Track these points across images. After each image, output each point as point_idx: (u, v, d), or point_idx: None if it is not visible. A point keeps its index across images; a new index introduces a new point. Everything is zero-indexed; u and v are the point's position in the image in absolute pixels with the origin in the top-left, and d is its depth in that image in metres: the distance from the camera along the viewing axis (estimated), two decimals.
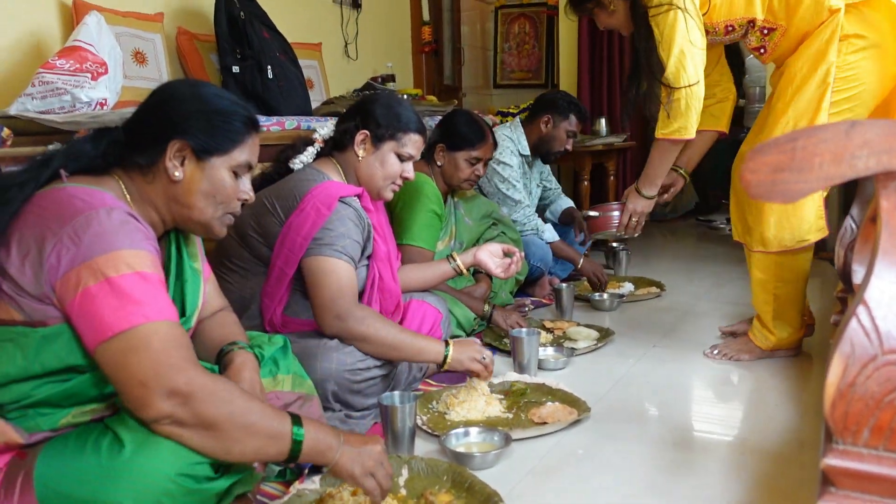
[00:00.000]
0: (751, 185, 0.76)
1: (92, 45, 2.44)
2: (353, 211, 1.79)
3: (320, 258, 1.73)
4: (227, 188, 1.33)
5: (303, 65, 3.41)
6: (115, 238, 1.12)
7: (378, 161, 1.91)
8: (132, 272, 1.11)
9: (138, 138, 1.30)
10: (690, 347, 2.43)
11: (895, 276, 0.74)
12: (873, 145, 0.72)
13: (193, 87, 1.36)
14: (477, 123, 2.57)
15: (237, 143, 1.33)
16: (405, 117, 1.93)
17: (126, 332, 1.08)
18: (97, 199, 1.17)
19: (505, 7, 5.98)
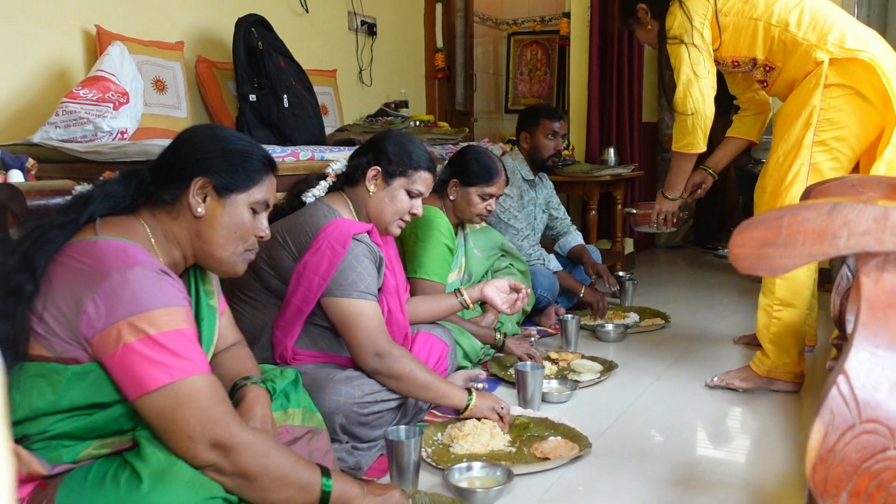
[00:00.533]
0: (738, 259, 0.81)
1: (114, 75, 2.52)
2: (366, 247, 1.85)
3: (348, 301, 1.79)
4: (246, 224, 1.41)
5: (318, 91, 3.49)
6: (152, 297, 1.19)
7: (388, 197, 1.97)
8: (171, 330, 1.18)
9: (164, 177, 1.38)
10: (693, 382, 2.46)
11: (873, 348, 0.78)
12: (853, 226, 0.76)
13: (214, 130, 1.46)
14: (491, 160, 2.63)
15: (256, 181, 1.41)
16: (416, 155, 1.99)
17: (169, 385, 1.16)
18: (130, 255, 1.23)
19: (518, 34, 6.06)
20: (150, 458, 1.17)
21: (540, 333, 3.06)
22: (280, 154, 2.58)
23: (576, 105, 4.55)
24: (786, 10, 2.29)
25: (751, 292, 3.70)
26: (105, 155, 2.24)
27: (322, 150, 2.80)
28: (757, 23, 2.32)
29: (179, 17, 3.13)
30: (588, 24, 4.40)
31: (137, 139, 2.60)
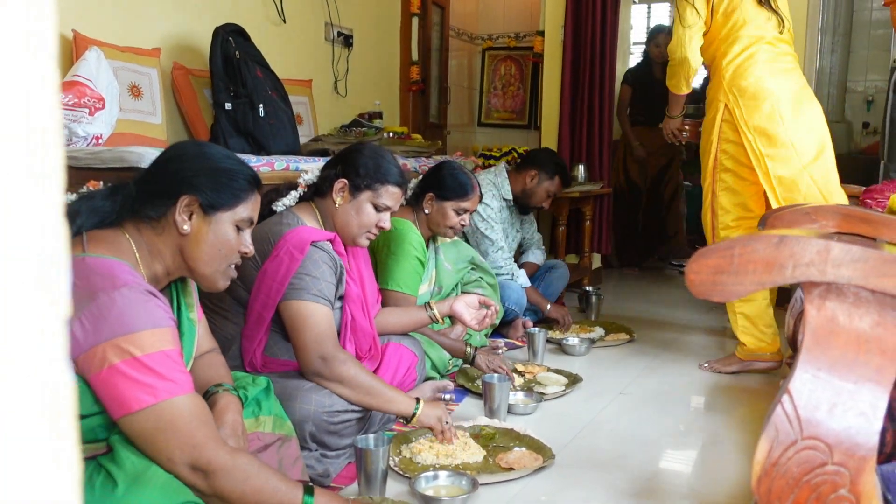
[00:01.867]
0: (694, 284, 0.87)
1: (91, 81, 2.53)
2: (326, 254, 1.88)
3: (299, 302, 1.82)
4: (230, 241, 1.43)
5: (293, 100, 3.52)
6: (138, 319, 1.20)
7: (354, 210, 1.99)
8: (156, 351, 1.20)
9: (150, 193, 1.40)
10: (655, 396, 2.53)
11: (815, 371, 0.84)
12: (797, 258, 0.82)
13: (202, 147, 1.48)
14: (466, 176, 2.68)
15: (241, 199, 1.44)
16: (385, 169, 2.01)
17: (152, 406, 1.18)
18: (117, 275, 1.25)
19: (492, 49, 6.14)
20: (124, 462, 1.19)
21: (507, 346, 3.11)
22: (255, 164, 2.60)
23: (547, 122, 4.64)
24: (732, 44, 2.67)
25: (715, 309, 3.80)
26: (80, 160, 2.26)
27: (297, 160, 2.83)
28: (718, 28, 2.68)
29: (157, 24, 3.15)
30: (561, 43, 4.48)
31: (112, 144, 2.61)
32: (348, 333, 1.98)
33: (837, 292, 0.84)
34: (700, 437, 2.26)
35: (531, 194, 3.38)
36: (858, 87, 6.33)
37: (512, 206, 3.46)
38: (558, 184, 3.41)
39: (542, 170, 3.36)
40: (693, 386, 2.68)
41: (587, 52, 4.40)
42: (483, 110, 6.19)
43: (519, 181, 3.39)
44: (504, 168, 3.44)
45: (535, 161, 3.41)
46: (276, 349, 1.91)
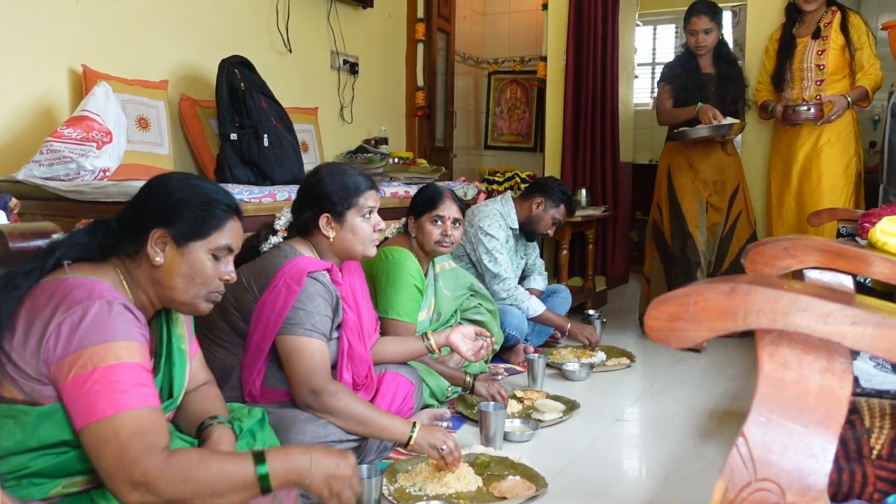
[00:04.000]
0: (652, 330, 0.90)
1: (99, 115, 2.60)
2: (322, 286, 1.92)
3: (293, 337, 1.86)
4: (206, 270, 1.45)
5: (299, 128, 3.59)
6: (109, 330, 1.25)
7: (349, 233, 2.02)
8: (119, 362, 1.24)
9: (128, 228, 1.44)
10: (650, 424, 2.55)
11: (768, 414, 0.88)
12: (749, 306, 0.86)
13: (180, 179, 1.50)
14: (433, 186, 2.75)
15: (216, 228, 1.46)
16: (352, 183, 2.03)
17: (103, 420, 1.20)
18: (96, 290, 1.30)
19: (498, 73, 6.21)
20: (113, 499, 1.23)
21: (508, 371, 3.14)
22: (258, 194, 2.67)
23: (551, 146, 4.68)
24: None
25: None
26: (87, 194, 2.32)
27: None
28: None
29: (164, 57, 3.23)
30: (564, 68, 4.55)
31: (119, 176, 2.68)
32: (345, 361, 2.02)
33: (788, 339, 0.87)
34: (694, 466, 2.27)
35: (537, 221, 3.42)
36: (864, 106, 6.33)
37: (518, 234, 3.50)
38: (564, 212, 3.45)
39: (549, 197, 3.40)
40: (690, 412, 2.69)
41: (589, 77, 4.45)
42: (489, 133, 6.25)
43: (525, 208, 3.43)
44: (510, 196, 3.48)
45: (542, 189, 3.45)
46: (275, 379, 1.95)
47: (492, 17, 6.35)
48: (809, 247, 1.51)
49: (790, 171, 3.74)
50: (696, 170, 3.75)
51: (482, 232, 3.27)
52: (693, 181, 3.75)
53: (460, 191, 3.80)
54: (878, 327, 0.81)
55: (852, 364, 0.91)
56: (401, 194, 3.39)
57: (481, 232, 3.27)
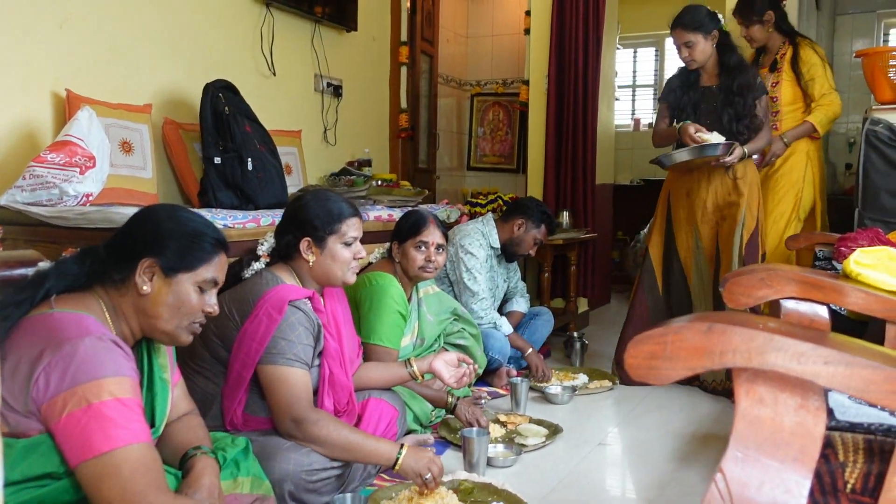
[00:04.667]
0: (631, 368, 0.93)
1: (82, 140, 2.60)
2: (303, 315, 1.93)
3: (274, 367, 1.87)
4: (192, 302, 1.48)
5: (282, 151, 3.60)
6: (99, 366, 1.26)
7: (329, 258, 2.04)
8: (113, 398, 1.25)
9: (116, 257, 1.46)
10: (634, 446, 2.57)
11: (745, 450, 0.90)
12: (724, 346, 0.88)
13: (169, 211, 1.54)
14: (417, 212, 2.77)
15: (204, 261, 1.50)
16: (336, 209, 2.06)
17: (102, 455, 1.22)
18: (83, 326, 1.31)
19: (480, 94, 6.27)
20: None
21: (491, 394, 3.16)
22: (242, 220, 2.68)
23: (533, 169, 4.73)
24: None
25: None
26: (70, 220, 2.32)
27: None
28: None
29: (148, 80, 3.24)
30: (545, 92, 4.60)
31: (102, 201, 2.68)
32: (326, 388, 2.02)
33: (763, 377, 0.90)
34: (676, 491, 2.29)
35: (519, 242, 3.46)
36: (840, 129, 6.46)
37: (500, 255, 3.53)
38: (545, 232, 3.50)
39: (529, 219, 3.45)
40: (672, 435, 2.72)
41: (570, 101, 4.51)
42: (472, 154, 6.29)
43: (506, 230, 3.47)
44: (491, 217, 3.53)
45: (522, 210, 3.49)
46: (257, 407, 1.95)
47: (474, 40, 6.42)
48: (786, 277, 1.55)
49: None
50: (694, 199, 3.23)
51: (463, 250, 3.31)
52: (690, 212, 3.25)
53: (443, 213, 3.83)
54: (849, 366, 0.84)
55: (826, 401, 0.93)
56: (384, 218, 3.41)
57: (462, 250, 3.31)
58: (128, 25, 3.12)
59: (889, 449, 1.06)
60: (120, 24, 3.08)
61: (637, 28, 6.60)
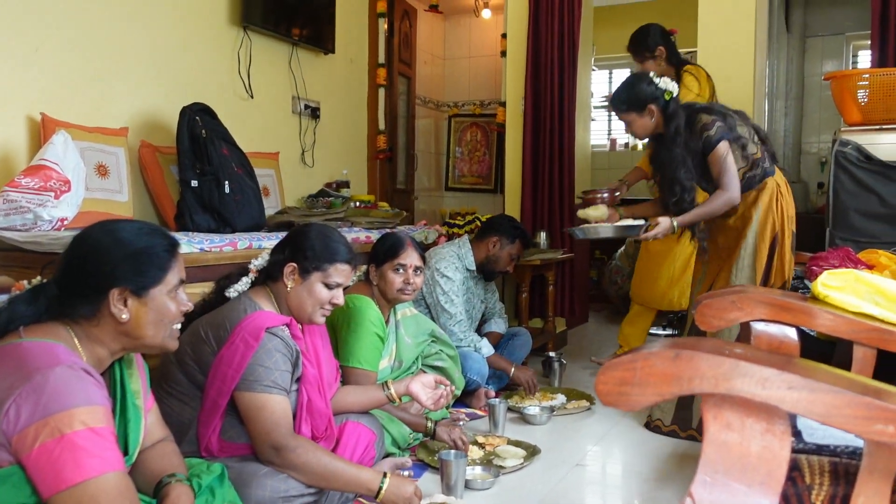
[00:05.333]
0: (602, 394, 0.94)
1: (57, 164, 2.59)
2: (280, 341, 1.92)
3: (252, 394, 1.86)
4: (170, 310, 1.50)
5: (260, 173, 3.60)
6: (71, 396, 1.25)
7: (306, 291, 2.04)
8: (85, 428, 1.24)
9: (74, 293, 1.43)
10: (611, 466, 2.58)
11: (714, 475, 0.91)
12: (692, 372, 0.90)
13: (111, 234, 1.48)
14: (394, 235, 2.79)
15: (167, 270, 1.50)
16: (332, 249, 2.07)
17: (76, 486, 1.21)
18: (54, 355, 1.30)
19: (458, 115, 6.32)
20: None
21: (469, 416, 3.15)
22: (219, 243, 2.67)
23: (510, 189, 4.76)
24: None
25: None
26: (44, 245, 2.31)
27: (260, 238, 2.90)
28: None
29: (125, 104, 3.23)
30: (522, 113, 4.65)
31: (77, 224, 2.65)
32: (304, 415, 2.01)
33: (730, 402, 0.91)
34: None
35: (495, 260, 3.49)
36: (812, 149, 6.58)
37: (476, 276, 3.55)
38: (519, 247, 3.53)
39: (503, 236, 3.49)
40: (649, 456, 2.73)
41: (547, 122, 4.56)
42: (450, 175, 6.33)
43: (482, 249, 3.50)
44: (467, 239, 3.55)
45: (495, 228, 3.53)
46: (233, 433, 1.94)
47: (451, 61, 6.48)
48: (756, 300, 1.57)
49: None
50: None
51: (439, 273, 3.33)
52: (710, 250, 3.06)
53: (421, 235, 3.85)
54: (812, 392, 0.86)
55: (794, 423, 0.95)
56: (362, 240, 3.42)
57: (438, 273, 3.33)
58: (104, 49, 3.12)
59: (854, 471, 1.08)
60: (96, 47, 3.08)
61: (611, 50, 6.69)
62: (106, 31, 3.12)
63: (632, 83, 2.91)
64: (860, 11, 5.65)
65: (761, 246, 2.86)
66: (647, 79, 2.88)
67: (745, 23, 4.05)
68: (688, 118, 2.84)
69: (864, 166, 3.28)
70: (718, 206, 2.81)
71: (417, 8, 5.69)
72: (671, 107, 2.84)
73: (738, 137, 2.80)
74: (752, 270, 2.86)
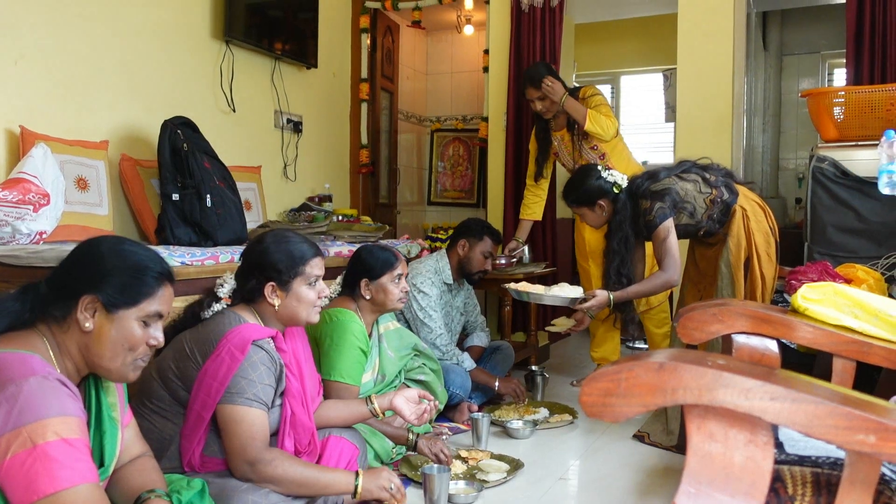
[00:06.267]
0: (586, 405, 0.94)
1: (36, 177, 2.57)
2: (266, 354, 1.91)
3: (234, 407, 1.85)
4: (135, 336, 1.45)
5: (242, 187, 3.59)
6: (45, 406, 1.23)
7: (294, 300, 2.04)
8: (59, 439, 1.22)
9: (57, 292, 1.43)
10: (594, 479, 2.58)
11: (698, 485, 0.92)
12: (676, 383, 0.90)
13: (113, 245, 1.49)
14: (384, 248, 2.80)
15: (147, 295, 1.46)
16: (298, 252, 2.06)
17: (48, 497, 1.19)
18: (28, 365, 1.29)
19: (440, 130, 6.34)
20: None
21: (452, 430, 3.14)
22: (200, 257, 2.65)
23: (493, 204, 4.78)
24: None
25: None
26: (22, 259, 2.28)
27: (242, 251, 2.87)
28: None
29: (105, 117, 3.22)
30: (504, 129, 4.67)
31: (56, 238, 2.64)
32: (287, 428, 2.00)
33: (714, 413, 0.92)
34: None
35: (469, 261, 3.52)
36: (790, 165, 6.67)
37: (456, 288, 3.55)
38: (489, 242, 3.56)
39: (470, 236, 3.53)
40: (631, 468, 2.74)
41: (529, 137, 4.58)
42: (432, 189, 6.34)
43: (454, 255, 3.54)
44: (444, 252, 3.56)
45: (462, 231, 3.59)
46: (216, 448, 1.92)
47: (434, 76, 6.51)
48: (737, 312, 1.59)
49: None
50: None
51: (416, 289, 3.33)
52: (687, 278, 3.21)
53: (404, 248, 3.85)
54: (794, 402, 0.86)
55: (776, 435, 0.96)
56: (345, 253, 3.41)
57: (415, 289, 3.33)
58: (85, 62, 3.10)
59: (836, 482, 1.09)
60: (76, 60, 3.07)
61: (592, 66, 6.76)
62: (86, 43, 3.11)
63: (581, 180, 3.07)
64: (836, 30, 5.75)
65: (737, 274, 2.93)
66: (596, 174, 3.04)
67: (723, 41, 4.11)
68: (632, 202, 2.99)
69: (840, 182, 3.33)
70: (656, 287, 2.97)
71: (400, 24, 5.71)
72: (619, 201, 3.00)
73: (682, 205, 2.90)
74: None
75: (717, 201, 2.93)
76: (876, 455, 0.82)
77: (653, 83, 6.73)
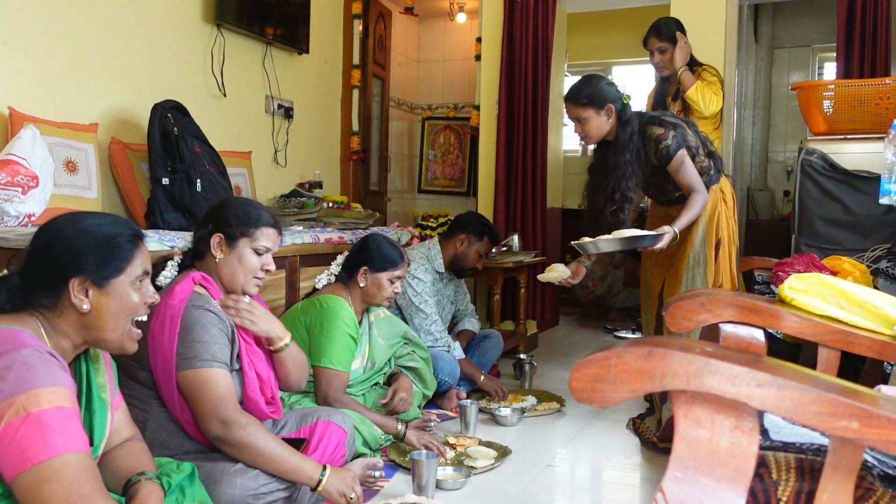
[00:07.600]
0: (575, 391, 0.95)
1: (25, 159, 2.54)
2: (215, 316, 1.91)
3: (193, 371, 1.84)
4: (133, 301, 1.48)
5: (232, 172, 3.58)
6: (37, 377, 1.24)
7: (236, 259, 2.03)
8: (52, 407, 1.23)
9: (36, 282, 1.42)
10: (581, 466, 2.61)
11: (684, 469, 0.93)
12: (664, 369, 0.92)
13: (74, 224, 1.48)
14: (394, 246, 2.78)
15: (129, 260, 1.48)
16: (255, 214, 2.06)
17: (42, 463, 1.20)
18: (19, 340, 1.29)
19: (432, 118, 6.33)
20: None
21: (441, 417, 3.16)
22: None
23: (483, 193, 4.79)
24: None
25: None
26: (10, 241, 2.27)
27: None
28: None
29: (95, 100, 3.19)
30: (496, 117, 4.67)
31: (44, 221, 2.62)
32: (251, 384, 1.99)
33: (701, 399, 0.93)
34: None
35: (464, 258, 3.51)
36: (779, 157, 6.70)
37: (446, 278, 3.56)
38: (487, 243, 3.56)
39: (471, 233, 3.51)
40: (619, 456, 2.76)
41: (520, 126, 4.59)
42: (423, 177, 6.34)
43: (450, 248, 3.52)
44: (437, 241, 3.56)
45: (462, 226, 3.56)
46: None
47: (426, 64, 6.49)
48: (725, 302, 1.60)
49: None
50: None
51: (410, 275, 3.34)
52: (648, 258, 3.08)
53: (394, 236, 3.85)
54: (780, 389, 0.88)
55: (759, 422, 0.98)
56: (335, 240, 3.41)
57: (409, 275, 3.33)
58: (74, 44, 3.08)
59: (819, 467, 1.11)
60: (66, 42, 3.04)
61: (585, 56, 6.76)
62: (77, 25, 3.08)
63: (592, 79, 2.81)
64: (826, 24, 5.78)
65: (709, 252, 2.85)
66: (606, 79, 2.86)
67: (715, 34, 4.12)
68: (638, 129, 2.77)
69: (828, 175, 3.35)
70: (699, 208, 2.74)
71: (392, 10, 5.69)
72: (627, 112, 2.76)
73: (690, 147, 2.76)
74: (703, 279, 2.83)
75: (705, 172, 2.82)
76: (859, 441, 0.84)
77: (645, 74, 6.73)
